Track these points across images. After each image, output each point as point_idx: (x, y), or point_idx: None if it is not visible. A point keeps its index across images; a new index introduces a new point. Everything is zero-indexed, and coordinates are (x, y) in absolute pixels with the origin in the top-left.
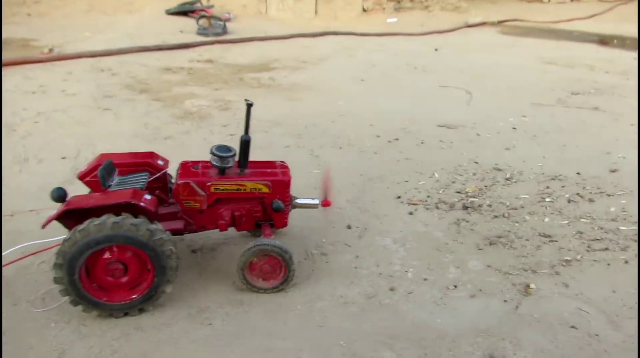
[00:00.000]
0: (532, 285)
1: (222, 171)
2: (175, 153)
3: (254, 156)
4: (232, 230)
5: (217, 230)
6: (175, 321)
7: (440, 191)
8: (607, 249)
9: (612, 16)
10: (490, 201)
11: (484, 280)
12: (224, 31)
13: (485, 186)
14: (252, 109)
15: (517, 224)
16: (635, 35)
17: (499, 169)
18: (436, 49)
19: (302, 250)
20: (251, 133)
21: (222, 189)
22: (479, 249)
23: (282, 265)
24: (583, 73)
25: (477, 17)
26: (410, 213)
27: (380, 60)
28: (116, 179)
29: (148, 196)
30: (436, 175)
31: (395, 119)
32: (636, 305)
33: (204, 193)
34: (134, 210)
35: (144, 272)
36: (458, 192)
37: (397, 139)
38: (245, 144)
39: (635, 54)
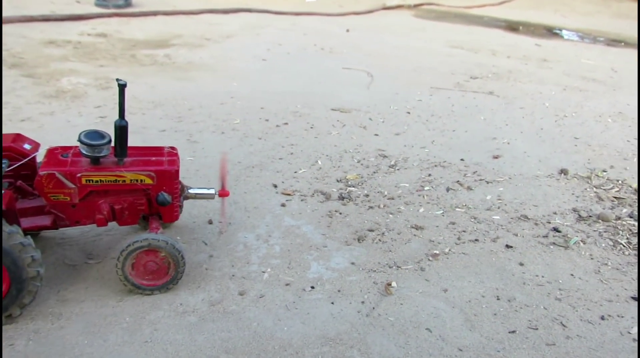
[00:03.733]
0: (393, 284)
1: (95, 161)
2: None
3: None
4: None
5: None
6: None
7: (320, 180)
8: (477, 240)
9: (520, 3)
10: (368, 190)
11: (345, 280)
12: (127, 3)
13: (368, 174)
14: (134, 88)
15: (391, 215)
16: (538, 21)
17: (385, 156)
18: (347, 30)
19: None
20: (126, 115)
21: (96, 181)
22: (347, 244)
23: (167, 275)
24: (485, 58)
25: (394, 0)
26: (283, 205)
27: (288, 39)
28: None
29: None
30: (319, 162)
31: (289, 102)
32: (496, 301)
33: (73, 186)
34: None
35: None
36: (338, 181)
37: (286, 123)
38: (120, 129)
39: (538, 40)
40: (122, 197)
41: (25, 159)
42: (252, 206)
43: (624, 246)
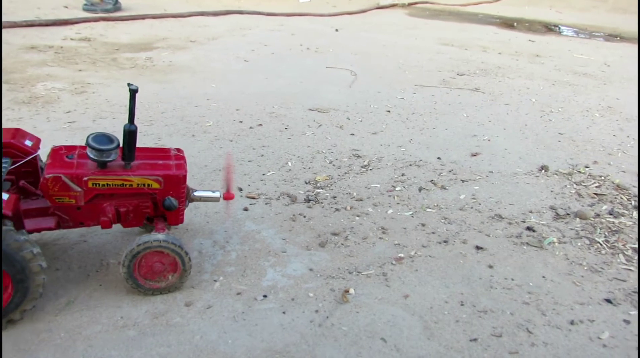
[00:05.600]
0: (351, 290)
1: (102, 164)
2: None
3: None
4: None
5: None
6: None
7: (288, 182)
8: (445, 242)
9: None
10: (337, 192)
11: (301, 287)
12: (116, 7)
13: (339, 175)
14: (109, 92)
15: (357, 218)
16: (534, 17)
17: (359, 156)
18: (337, 30)
19: (96, 260)
20: (96, 119)
21: (103, 185)
22: (308, 249)
23: (167, 277)
24: (474, 54)
25: None
26: (245, 209)
27: (274, 40)
28: None
29: (5, 195)
30: (289, 164)
31: (266, 103)
32: (459, 307)
33: (79, 189)
34: None
35: None
36: (307, 182)
37: (260, 124)
38: (129, 134)
39: (532, 36)
40: (127, 200)
41: (28, 158)
42: (213, 211)
43: (600, 245)
